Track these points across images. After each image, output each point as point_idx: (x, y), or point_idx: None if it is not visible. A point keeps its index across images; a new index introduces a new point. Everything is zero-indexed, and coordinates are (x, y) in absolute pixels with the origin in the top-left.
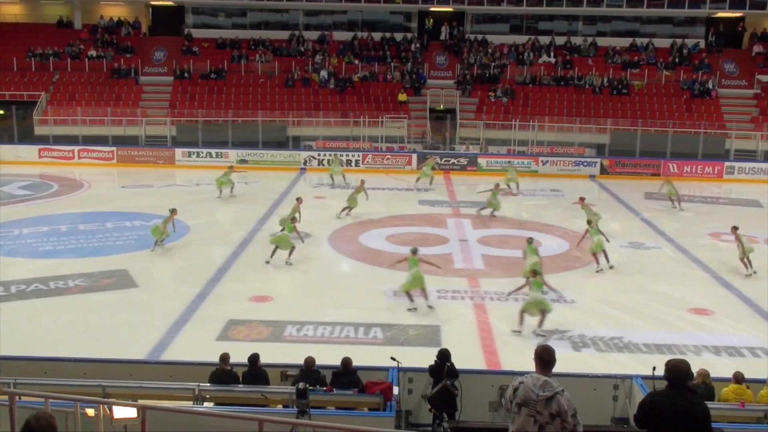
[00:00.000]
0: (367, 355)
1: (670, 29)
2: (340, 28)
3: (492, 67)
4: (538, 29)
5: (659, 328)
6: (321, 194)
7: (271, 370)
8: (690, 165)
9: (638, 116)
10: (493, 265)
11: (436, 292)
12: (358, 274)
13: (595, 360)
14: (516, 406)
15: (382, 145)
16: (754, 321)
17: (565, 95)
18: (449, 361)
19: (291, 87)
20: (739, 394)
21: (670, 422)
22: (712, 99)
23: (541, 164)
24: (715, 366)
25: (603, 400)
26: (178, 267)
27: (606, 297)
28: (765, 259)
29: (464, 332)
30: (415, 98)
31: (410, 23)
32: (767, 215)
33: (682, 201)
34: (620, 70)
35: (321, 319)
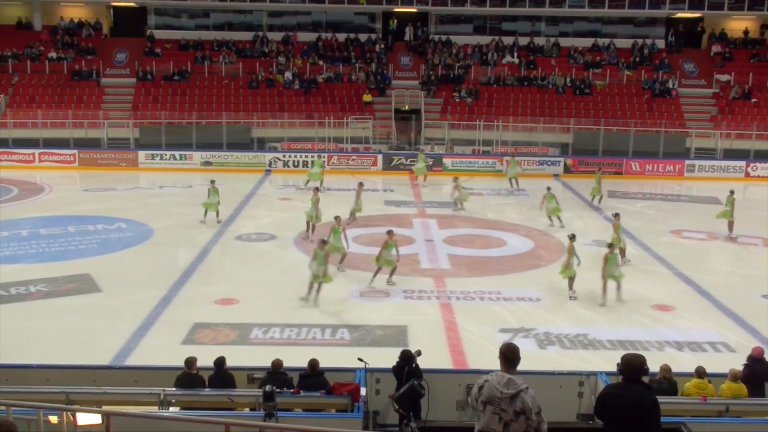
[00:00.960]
0: (335, 357)
1: (631, 30)
2: (304, 29)
3: (456, 67)
4: (501, 30)
5: (623, 324)
6: (287, 196)
7: (237, 373)
8: (651, 163)
9: (601, 116)
10: (459, 264)
11: (403, 292)
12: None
13: (561, 357)
14: (481, 404)
15: (348, 146)
16: (715, 316)
17: (528, 95)
18: (412, 363)
19: (255, 88)
20: (701, 388)
21: (620, 413)
22: (673, 98)
23: (505, 164)
24: (678, 361)
25: (568, 396)
26: (142, 270)
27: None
28: (727, 255)
29: (431, 332)
30: (379, 99)
31: (374, 24)
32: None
33: (644, 199)
34: (583, 70)
35: (288, 321)
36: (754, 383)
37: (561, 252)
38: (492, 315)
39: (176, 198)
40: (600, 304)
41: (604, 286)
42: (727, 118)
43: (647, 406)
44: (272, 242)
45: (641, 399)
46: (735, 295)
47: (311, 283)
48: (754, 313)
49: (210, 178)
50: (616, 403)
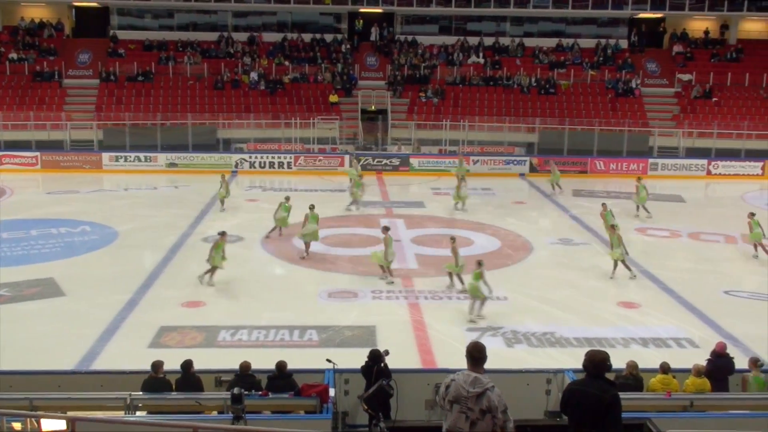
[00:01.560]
0: (303, 358)
1: (595, 30)
2: (269, 30)
3: (422, 67)
4: (466, 30)
5: (589, 322)
6: (253, 197)
7: (205, 376)
8: (615, 162)
9: (565, 115)
10: (427, 264)
11: (371, 292)
12: (292, 276)
13: (528, 355)
14: (448, 403)
15: (314, 146)
16: (679, 313)
17: (494, 95)
18: (381, 362)
19: (220, 89)
20: (666, 383)
21: (582, 408)
22: (636, 98)
23: (472, 163)
24: (643, 357)
25: (536, 394)
26: (107, 274)
27: (537, 293)
28: (690, 252)
29: (399, 332)
30: (346, 99)
31: (340, 24)
32: (689, 210)
33: (608, 197)
34: (547, 70)
35: (255, 323)
36: (717, 378)
37: (527, 250)
38: (460, 314)
39: (141, 200)
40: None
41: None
42: (689, 117)
43: (608, 401)
44: (239, 244)
45: (602, 394)
46: (698, 292)
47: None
48: (717, 309)
49: (286, 195)
50: (579, 398)
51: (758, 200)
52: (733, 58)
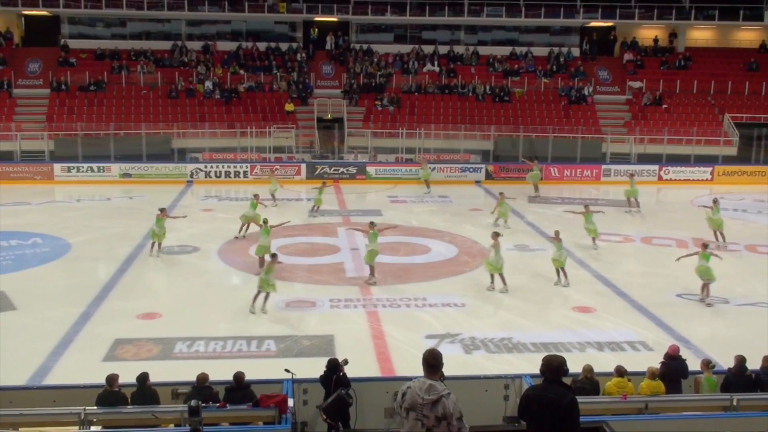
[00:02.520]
0: (261, 369)
1: (548, 38)
2: (223, 38)
3: (378, 76)
4: (421, 39)
5: (546, 327)
6: (209, 207)
7: (161, 388)
8: (569, 169)
9: (520, 122)
10: (385, 272)
11: (329, 301)
12: (250, 286)
13: (486, 361)
14: (404, 410)
15: (271, 155)
16: (633, 316)
17: (449, 103)
18: (339, 371)
19: (175, 98)
20: (621, 387)
21: (540, 413)
22: (588, 105)
23: (429, 170)
24: (599, 361)
25: (495, 400)
26: (59, 287)
27: (495, 299)
28: (642, 256)
29: (358, 340)
30: (302, 108)
31: (295, 33)
32: (642, 215)
33: (563, 203)
34: (501, 78)
35: (212, 334)
36: (671, 380)
37: (484, 257)
38: (418, 321)
39: (94, 211)
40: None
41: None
42: (640, 124)
43: (565, 406)
44: (195, 254)
45: (560, 399)
46: (651, 295)
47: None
48: (670, 312)
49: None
50: (536, 403)
51: (707, 205)
52: (682, 66)
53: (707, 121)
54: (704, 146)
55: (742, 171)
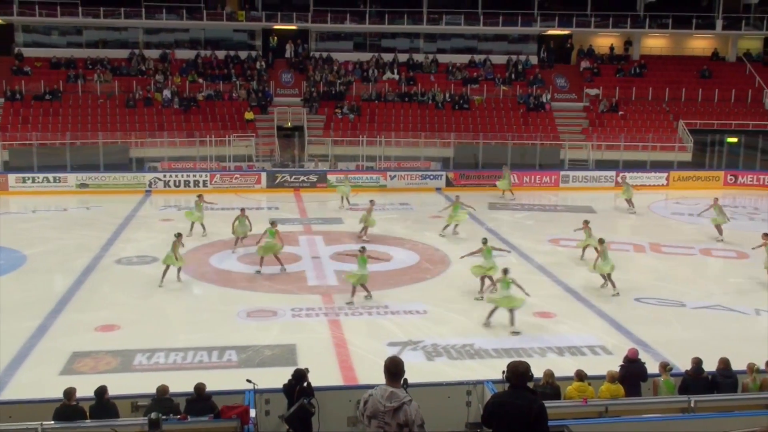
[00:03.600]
0: (223, 379)
1: (506, 46)
2: (182, 47)
3: (338, 84)
4: (381, 47)
5: (506, 332)
6: (168, 217)
7: (120, 401)
8: (529, 175)
9: (479, 130)
10: (346, 280)
11: (291, 310)
12: (210, 296)
13: (448, 368)
14: (366, 418)
15: (230, 164)
16: (593, 321)
17: (409, 111)
18: (304, 381)
19: (132, 107)
20: (582, 391)
21: (509, 420)
22: (546, 112)
23: (389, 179)
24: (560, 366)
25: (457, 406)
26: (15, 300)
27: (456, 306)
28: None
29: (320, 349)
30: (262, 116)
31: (254, 41)
32: (600, 220)
33: (522, 210)
34: (461, 85)
35: (172, 345)
36: (631, 383)
37: (445, 264)
38: (380, 329)
39: (50, 222)
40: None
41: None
42: (597, 131)
43: (535, 412)
44: (154, 265)
45: (529, 405)
46: (610, 300)
47: None
48: (628, 316)
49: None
50: (505, 410)
51: (664, 210)
52: (637, 73)
53: (662, 127)
54: (660, 152)
55: (696, 176)
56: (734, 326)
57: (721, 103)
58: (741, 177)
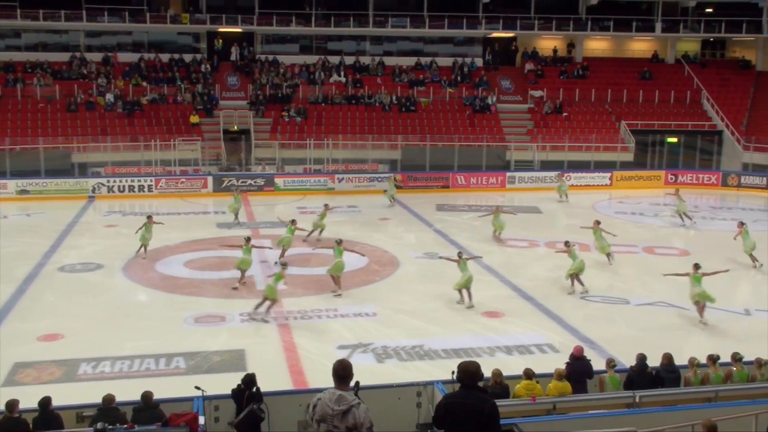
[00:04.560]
0: (171, 387)
1: (452, 49)
2: (124, 50)
3: (284, 87)
4: (327, 49)
5: (455, 333)
6: (113, 222)
7: (65, 412)
8: (476, 177)
9: (426, 132)
10: (295, 284)
11: (239, 315)
12: (157, 303)
13: (399, 369)
14: (315, 422)
15: (176, 168)
16: (539, 319)
17: (356, 113)
18: (254, 387)
19: (74, 111)
20: (530, 389)
21: (461, 420)
22: (492, 114)
23: (337, 181)
24: (508, 365)
25: (407, 407)
26: None
27: (405, 307)
28: (547, 261)
29: (270, 354)
30: (207, 120)
31: (199, 44)
32: (546, 220)
33: (470, 211)
34: (407, 88)
35: (118, 354)
36: (577, 380)
37: (394, 266)
38: (330, 333)
39: None
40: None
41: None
42: (542, 132)
43: (488, 412)
44: (99, 271)
45: (481, 405)
46: (556, 299)
47: None
48: (574, 315)
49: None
50: (457, 410)
51: (607, 209)
52: (580, 75)
53: (605, 128)
54: (603, 152)
55: (638, 176)
56: (676, 322)
57: (661, 104)
58: (681, 176)
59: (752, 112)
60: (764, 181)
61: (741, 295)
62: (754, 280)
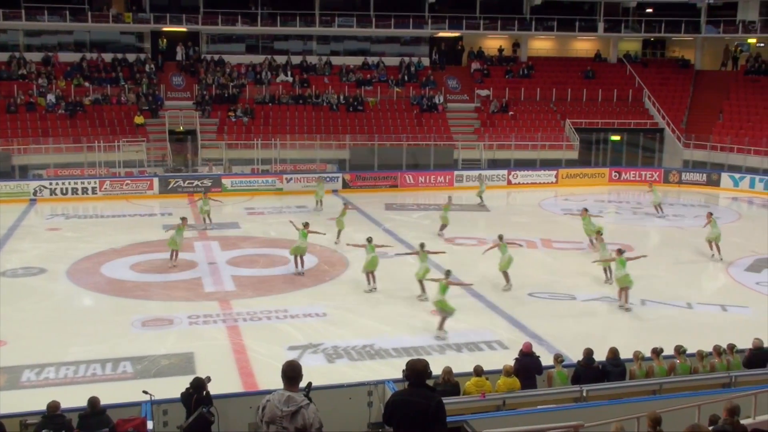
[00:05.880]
0: (118, 392)
1: (398, 48)
2: (66, 49)
3: (230, 87)
4: (274, 49)
5: (406, 332)
6: (55, 226)
7: (8, 420)
8: (424, 176)
9: (374, 131)
10: (244, 285)
11: (187, 318)
12: (102, 306)
13: (349, 369)
14: (264, 424)
15: (121, 170)
16: (489, 317)
17: (304, 113)
18: (202, 391)
19: (14, 112)
20: (480, 386)
21: (408, 418)
22: (440, 113)
23: (285, 182)
24: (458, 362)
25: (359, 407)
26: None
27: (355, 307)
28: (496, 258)
29: (219, 356)
30: (152, 120)
31: (143, 43)
32: (494, 218)
33: (419, 210)
34: (355, 87)
35: (63, 359)
36: (526, 376)
37: (344, 266)
38: (280, 333)
39: None
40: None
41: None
42: (489, 131)
43: (433, 409)
44: (42, 276)
45: (427, 402)
46: (505, 296)
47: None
48: (523, 311)
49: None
50: (404, 408)
51: (554, 207)
52: (525, 75)
53: (550, 126)
54: (548, 151)
55: (583, 173)
56: (622, 316)
57: (604, 102)
58: (624, 173)
59: (692, 111)
60: (704, 178)
61: (684, 289)
62: (696, 275)
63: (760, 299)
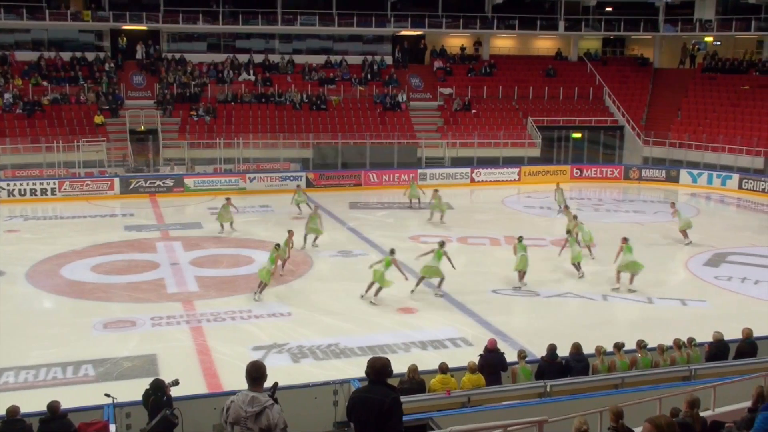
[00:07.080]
0: (79, 396)
1: (361, 47)
2: (23, 48)
3: (192, 86)
4: (236, 47)
5: (371, 330)
6: (13, 228)
7: None
8: (388, 174)
9: (338, 130)
10: (208, 286)
11: (150, 320)
12: (62, 309)
13: (315, 369)
14: (229, 425)
15: (81, 170)
16: (453, 314)
17: (267, 112)
18: (160, 392)
19: None
20: (445, 383)
21: (365, 414)
22: (403, 111)
23: (249, 181)
24: (424, 360)
25: (324, 406)
26: None
27: (320, 306)
28: (460, 255)
29: (183, 358)
30: (113, 120)
31: (102, 42)
32: (457, 216)
33: (383, 208)
34: (318, 86)
35: (23, 363)
36: (491, 372)
37: (308, 265)
38: (244, 334)
39: None
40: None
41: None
42: (452, 129)
43: (388, 405)
44: (0, 279)
45: (383, 399)
46: (469, 293)
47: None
48: (486, 308)
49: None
50: (362, 405)
51: (516, 204)
52: (488, 73)
53: (513, 124)
54: (511, 148)
55: (545, 171)
56: (584, 312)
57: (565, 100)
58: (586, 170)
59: (651, 108)
60: (663, 174)
61: (644, 284)
62: (656, 270)
63: (717, 293)
